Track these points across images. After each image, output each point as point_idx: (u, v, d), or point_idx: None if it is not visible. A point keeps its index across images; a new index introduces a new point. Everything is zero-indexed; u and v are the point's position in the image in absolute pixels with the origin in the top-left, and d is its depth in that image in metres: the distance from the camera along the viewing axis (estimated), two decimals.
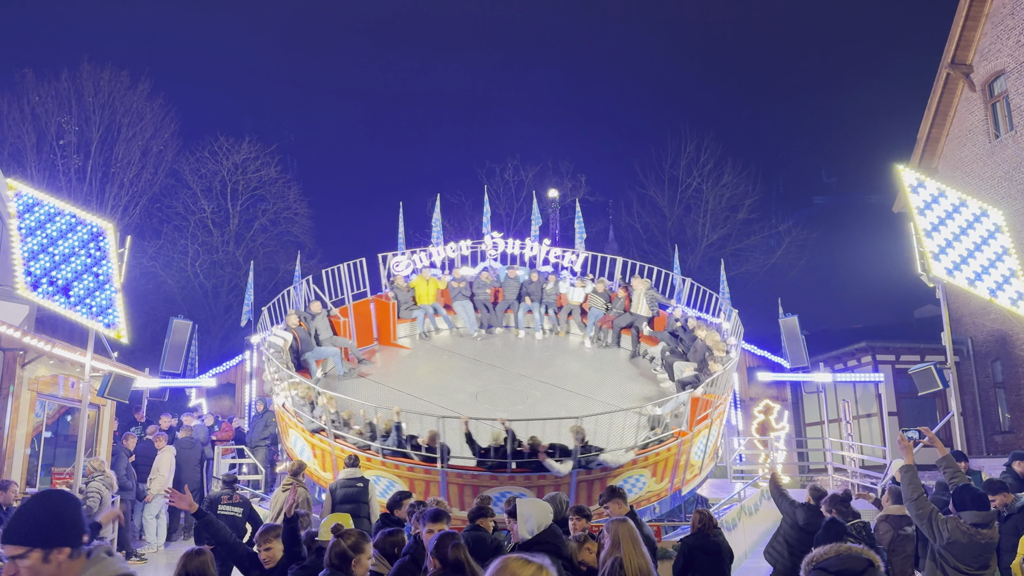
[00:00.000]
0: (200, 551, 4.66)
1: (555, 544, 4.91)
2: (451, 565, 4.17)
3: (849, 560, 4.55)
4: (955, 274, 12.83)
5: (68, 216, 10.87)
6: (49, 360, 12.21)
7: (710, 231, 32.09)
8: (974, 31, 19.00)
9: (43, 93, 27.03)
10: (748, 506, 13.10)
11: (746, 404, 18.84)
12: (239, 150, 30.35)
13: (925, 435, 6.28)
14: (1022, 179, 17.62)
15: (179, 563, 4.58)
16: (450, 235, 23.88)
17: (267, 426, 15.20)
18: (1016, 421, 17.89)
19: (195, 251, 29.02)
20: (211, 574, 4.60)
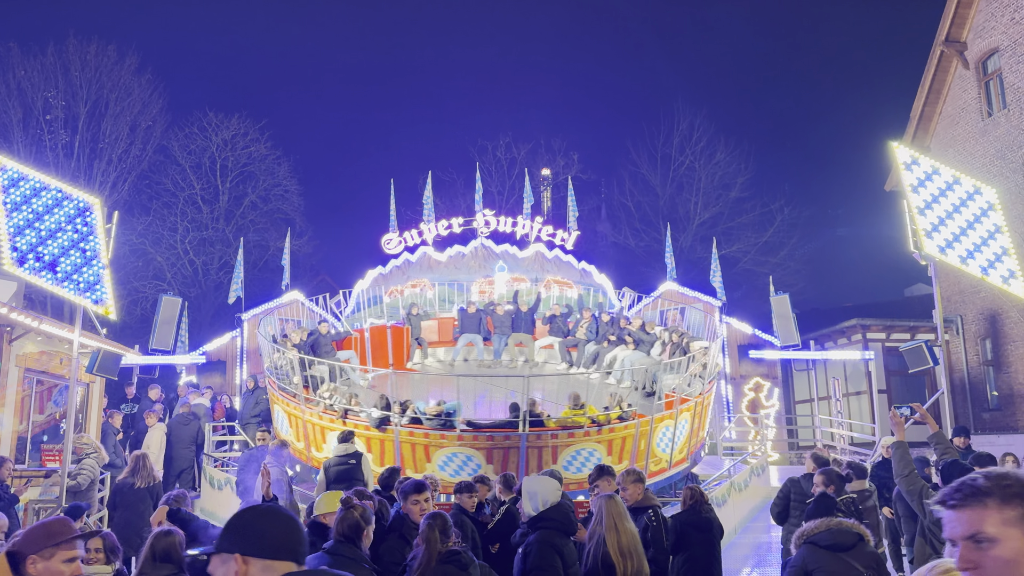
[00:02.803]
0: (168, 531, 4.62)
1: (562, 521, 4.86)
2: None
3: (839, 534, 4.57)
4: (947, 252, 12.85)
5: (54, 191, 10.73)
6: (37, 337, 12.11)
7: (702, 209, 32.03)
8: (968, 8, 18.90)
9: (29, 67, 26.64)
10: (738, 482, 13.18)
11: (736, 382, 18.91)
12: (228, 126, 30.04)
13: (917, 411, 6.29)
14: (1015, 157, 17.61)
15: (147, 543, 4.54)
16: (442, 212, 23.77)
17: (258, 403, 15.17)
18: (1004, 399, 18.03)
19: (184, 228, 28.80)
20: (179, 555, 4.56)
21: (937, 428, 6.37)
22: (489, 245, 19.62)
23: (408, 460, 11.92)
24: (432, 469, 11.55)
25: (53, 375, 12.74)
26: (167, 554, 4.49)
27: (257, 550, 2.07)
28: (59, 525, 2.89)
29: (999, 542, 1.73)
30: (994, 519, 1.74)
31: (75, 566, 2.82)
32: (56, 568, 2.77)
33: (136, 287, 26.85)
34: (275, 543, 2.08)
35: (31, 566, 2.74)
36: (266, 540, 2.09)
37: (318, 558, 3.99)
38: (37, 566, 2.74)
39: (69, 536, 2.85)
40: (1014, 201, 17.00)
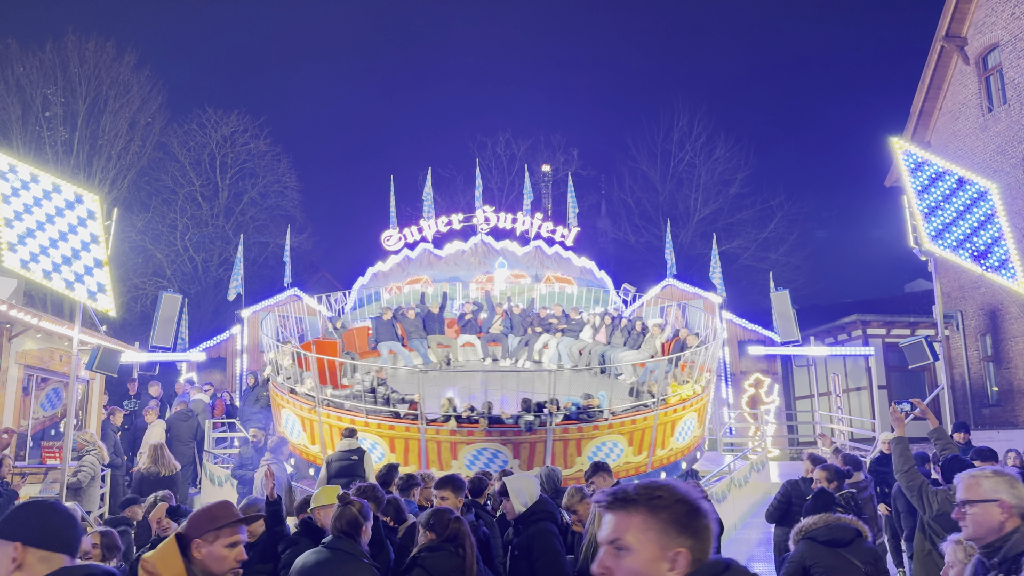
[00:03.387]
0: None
1: (550, 512, 4.96)
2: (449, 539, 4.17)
3: (837, 530, 4.58)
4: (947, 247, 12.83)
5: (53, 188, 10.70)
6: (37, 334, 12.11)
7: (702, 205, 32.01)
8: (969, 4, 18.86)
9: (27, 64, 26.60)
10: (738, 478, 13.19)
11: (736, 378, 18.91)
12: (228, 122, 30.02)
13: (917, 407, 6.29)
14: (1015, 152, 17.59)
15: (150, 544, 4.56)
16: (441, 209, 23.77)
17: (258, 400, 15.16)
18: (1004, 395, 18.02)
19: (184, 225, 28.79)
20: None
21: (937, 424, 6.37)
22: (489, 242, 19.61)
23: (433, 458, 11.91)
24: (459, 467, 11.55)
25: (53, 372, 12.74)
26: None
27: (37, 541, 2.22)
28: (222, 509, 2.89)
29: (634, 552, 1.74)
30: (636, 529, 1.76)
31: (238, 551, 2.83)
32: (219, 553, 2.78)
33: (136, 284, 26.85)
34: (54, 536, 2.24)
35: (196, 550, 2.77)
36: (46, 532, 2.23)
37: (316, 553, 3.99)
38: (201, 550, 2.77)
39: (231, 520, 2.84)
40: (1015, 196, 16.98)
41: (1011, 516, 2.81)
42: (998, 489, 2.87)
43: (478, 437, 11.85)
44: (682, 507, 1.77)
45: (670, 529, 1.74)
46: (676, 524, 1.75)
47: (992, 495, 2.87)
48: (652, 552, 1.73)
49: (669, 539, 1.73)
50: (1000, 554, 2.83)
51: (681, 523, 1.75)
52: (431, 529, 4.23)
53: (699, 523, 1.78)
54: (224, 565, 2.78)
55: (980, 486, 2.91)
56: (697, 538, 1.76)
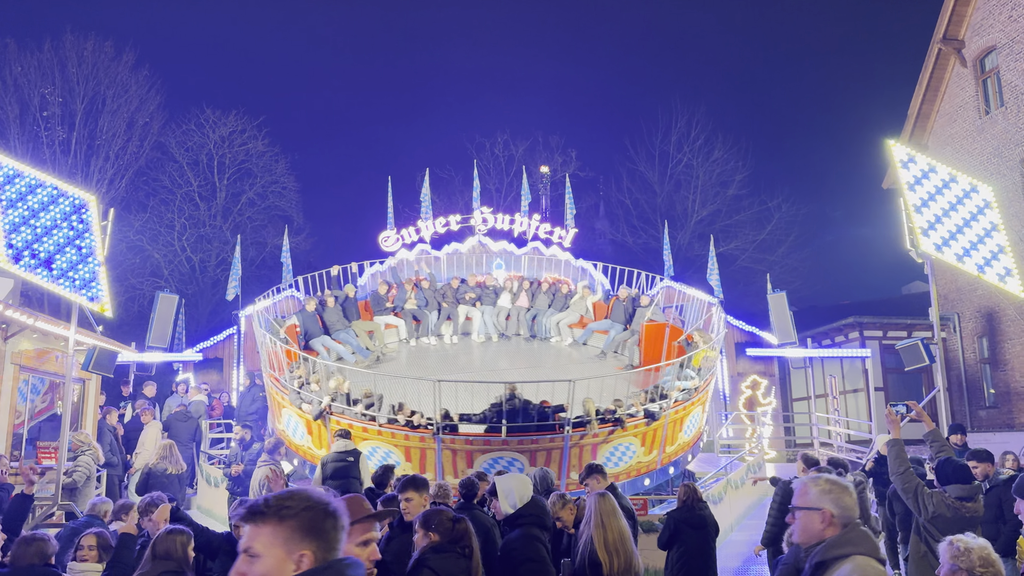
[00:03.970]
0: (172, 531, 4.63)
1: (538, 515, 4.91)
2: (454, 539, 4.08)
3: None
4: (944, 250, 12.85)
5: (50, 188, 10.71)
6: (33, 334, 12.10)
7: (700, 207, 32.03)
8: (966, 6, 18.90)
9: (25, 64, 26.57)
10: (734, 480, 13.19)
11: (734, 379, 18.92)
12: (226, 123, 30.00)
13: (912, 409, 6.29)
14: (1012, 155, 17.62)
15: (152, 542, 4.55)
16: (439, 210, 23.75)
17: (254, 401, 15.15)
18: (1001, 396, 18.05)
19: (182, 225, 28.76)
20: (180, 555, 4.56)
21: (933, 426, 6.38)
22: (486, 243, 19.59)
23: (448, 467, 11.83)
24: None
25: (49, 372, 12.72)
26: (168, 553, 4.49)
27: None
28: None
29: (262, 557, 1.94)
30: (264, 537, 1.95)
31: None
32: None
33: (133, 284, 26.81)
34: None
35: None
36: None
37: None
38: None
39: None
40: (1011, 199, 17.02)
41: (831, 525, 2.94)
42: (822, 498, 2.98)
43: (495, 446, 11.79)
44: (309, 514, 1.99)
45: (295, 535, 1.95)
46: (302, 530, 1.96)
47: (817, 503, 2.98)
48: (278, 556, 1.95)
49: (295, 544, 1.95)
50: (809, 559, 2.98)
51: (307, 528, 1.97)
52: (434, 530, 4.12)
53: (326, 526, 2.01)
54: None
55: (808, 493, 3.03)
56: (323, 540, 1.99)
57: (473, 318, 16.83)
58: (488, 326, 16.73)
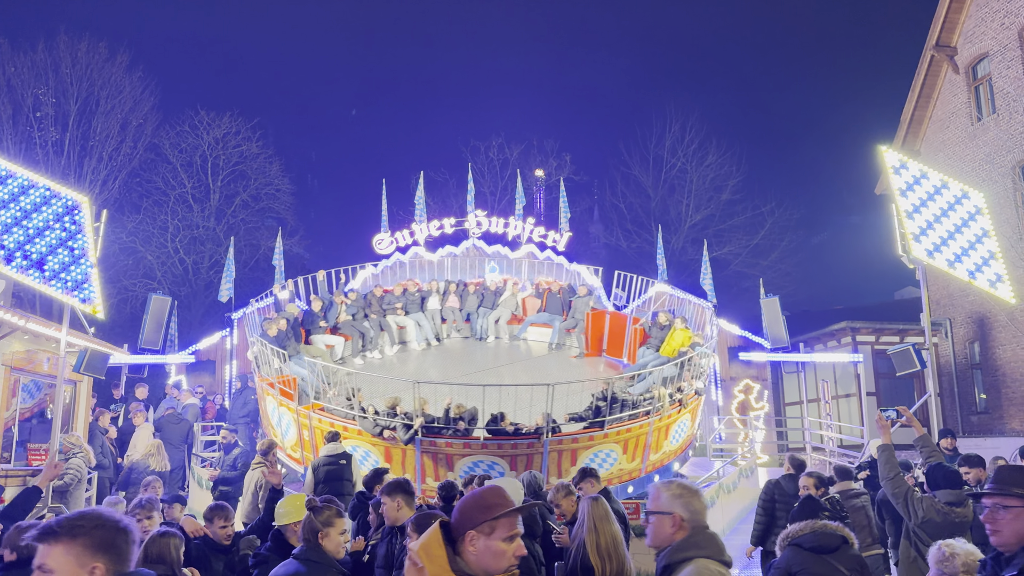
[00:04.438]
0: (165, 533, 4.61)
1: (528, 522, 4.90)
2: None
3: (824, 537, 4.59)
4: (935, 256, 12.91)
5: (42, 189, 10.68)
6: (24, 335, 12.04)
7: (694, 212, 32.10)
8: (959, 13, 19.01)
9: (19, 64, 26.47)
10: (727, 484, 13.22)
11: (726, 384, 18.95)
12: (220, 124, 29.93)
13: (903, 415, 6.33)
14: (1004, 162, 17.71)
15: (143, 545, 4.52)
16: (434, 213, 23.76)
17: (246, 403, 15.10)
18: (992, 402, 18.12)
19: (175, 226, 28.68)
20: (172, 557, 4.54)
21: (923, 431, 6.41)
22: (481, 246, 19.61)
23: (429, 471, 11.84)
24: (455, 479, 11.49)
25: (40, 374, 12.67)
26: (160, 556, 4.48)
27: None
28: (496, 496, 2.47)
29: (55, 572, 2.18)
30: (56, 554, 2.20)
31: (516, 545, 2.41)
32: (496, 547, 2.36)
33: (126, 286, 26.72)
34: None
35: (469, 543, 2.37)
36: None
37: (287, 565, 4.00)
38: (477, 543, 2.36)
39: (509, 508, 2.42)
40: (1002, 205, 17.10)
41: (680, 528, 3.01)
42: (674, 503, 3.04)
43: (475, 449, 11.78)
44: (100, 531, 2.25)
45: (87, 551, 2.21)
46: (93, 546, 2.22)
47: (668, 508, 3.04)
48: (71, 570, 2.19)
49: (87, 558, 2.21)
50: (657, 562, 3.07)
51: (98, 544, 2.22)
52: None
53: (118, 542, 2.28)
54: (502, 562, 2.37)
55: (660, 498, 3.09)
56: (115, 554, 2.26)
57: (406, 326, 16.33)
58: (426, 331, 16.38)
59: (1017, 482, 2.97)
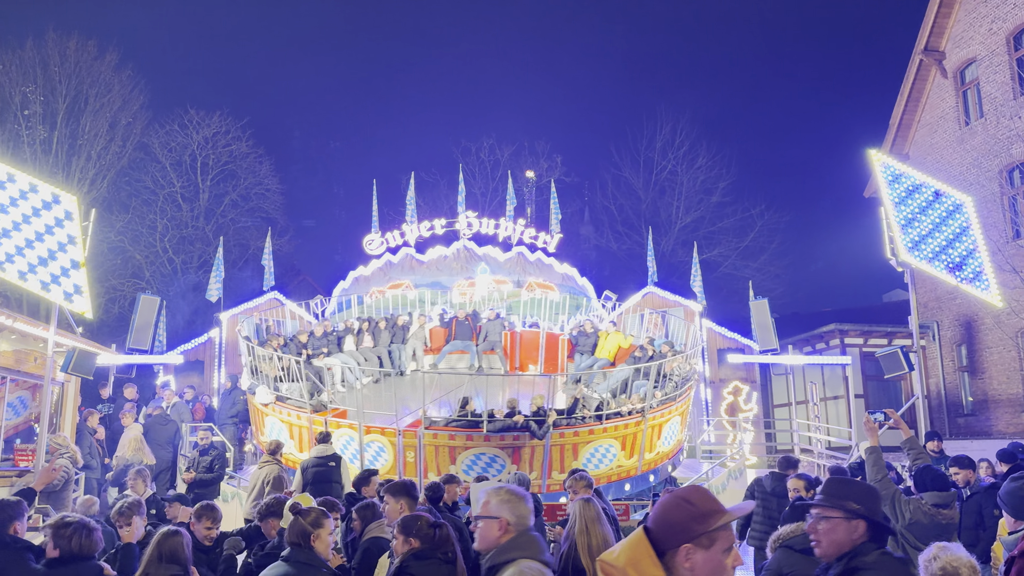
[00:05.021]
0: (176, 531, 4.58)
1: None
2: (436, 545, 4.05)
3: None
4: (923, 259, 13.00)
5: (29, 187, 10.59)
6: (11, 335, 11.96)
7: (684, 213, 32.17)
8: (947, 18, 19.14)
9: (6, 62, 26.28)
10: (716, 485, 13.26)
11: (715, 385, 19.00)
12: (210, 123, 29.79)
13: (890, 417, 6.36)
14: (991, 166, 17.84)
15: (153, 543, 4.49)
16: (424, 213, 23.73)
17: (235, 404, 15.04)
18: (979, 404, 18.25)
19: (164, 226, 28.52)
20: (185, 556, 4.52)
21: (910, 434, 6.45)
22: (471, 247, 19.60)
23: (431, 463, 11.91)
24: (457, 471, 11.53)
25: (27, 374, 12.58)
26: (174, 554, 4.45)
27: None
28: (708, 501, 2.17)
29: None
30: None
31: (734, 555, 2.14)
32: (718, 561, 2.09)
33: (114, 285, 26.55)
34: None
35: (685, 559, 2.08)
36: None
37: (276, 567, 3.99)
38: (694, 558, 2.08)
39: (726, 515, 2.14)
40: (990, 209, 17.22)
41: (506, 532, 3.18)
42: (501, 508, 3.22)
43: (477, 442, 11.86)
44: None
45: None
46: None
47: (496, 512, 3.21)
48: None
49: None
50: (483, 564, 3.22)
51: None
52: (415, 536, 4.04)
53: None
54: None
55: (489, 503, 3.25)
56: None
57: (334, 368, 15.46)
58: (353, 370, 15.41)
59: (841, 495, 3.08)
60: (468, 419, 12.09)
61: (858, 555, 2.96)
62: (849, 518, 3.00)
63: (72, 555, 4.22)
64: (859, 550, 2.97)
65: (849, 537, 3.00)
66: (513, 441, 11.90)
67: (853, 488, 3.13)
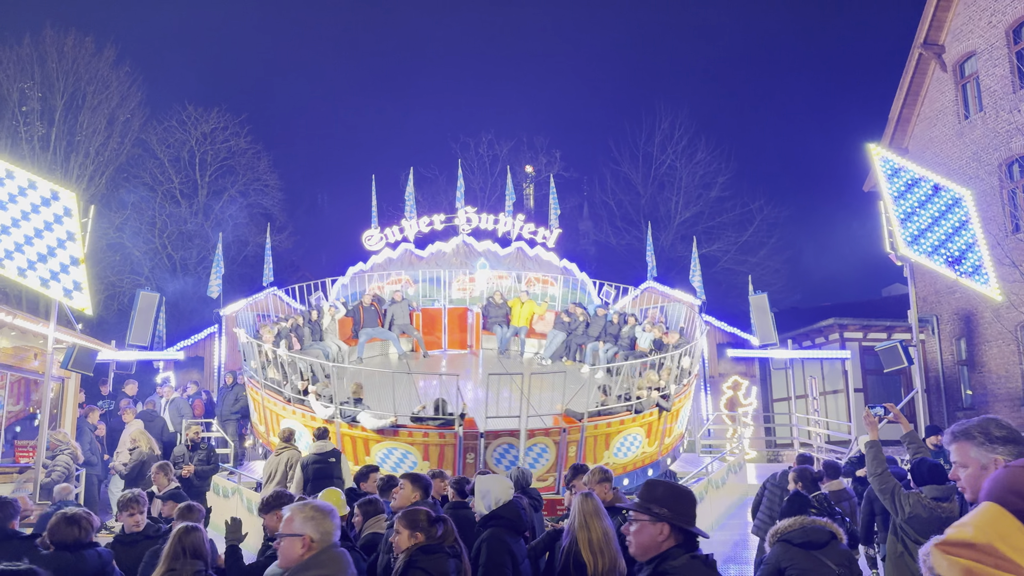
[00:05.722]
0: (195, 527, 4.60)
1: (511, 518, 4.90)
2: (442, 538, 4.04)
3: (812, 532, 4.63)
4: (922, 253, 13.00)
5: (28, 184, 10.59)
6: (11, 332, 11.96)
7: (683, 208, 32.16)
8: (947, 12, 19.11)
9: (4, 58, 26.24)
10: (715, 480, 13.29)
11: (715, 380, 19.03)
12: (208, 120, 29.76)
13: (890, 411, 6.37)
14: (990, 159, 17.84)
15: (173, 539, 4.50)
16: (423, 209, 23.71)
17: (237, 400, 15.04)
18: (978, 398, 18.27)
19: (163, 222, 28.51)
20: (206, 551, 4.55)
21: (910, 428, 6.45)
22: (471, 242, 19.60)
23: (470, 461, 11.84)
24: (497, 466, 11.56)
25: (27, 371, 12.58)
26: (196, 549, 4.49)
27: None
28: None
29: None
30: None
31: None
32: None
33: (113, 282, 26.55)
34: None
35: None
36: None
37: None
38: None
39: None
40: (989, 203, 17.23)
41: (310, 549, 3.17)
42: (306, 525, 3.21)
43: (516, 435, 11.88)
44: None
45: None
46: None
47: (300, 530, 3.20)
48: None
49: None
50: None
51: None
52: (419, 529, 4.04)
53: None
54: None
55: (293, 521, 3.24)
56: None
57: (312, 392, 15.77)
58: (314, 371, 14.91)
59: (651, 498, 3.09)
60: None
61: (666, 559, 2.96)
62: (654, 521, 3.01)
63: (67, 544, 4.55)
64: (667, 554, 2.98)
65: (655, 540, 3.00)
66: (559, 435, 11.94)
67: (662, 491, 3.11)
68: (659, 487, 3.14)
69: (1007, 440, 2.53)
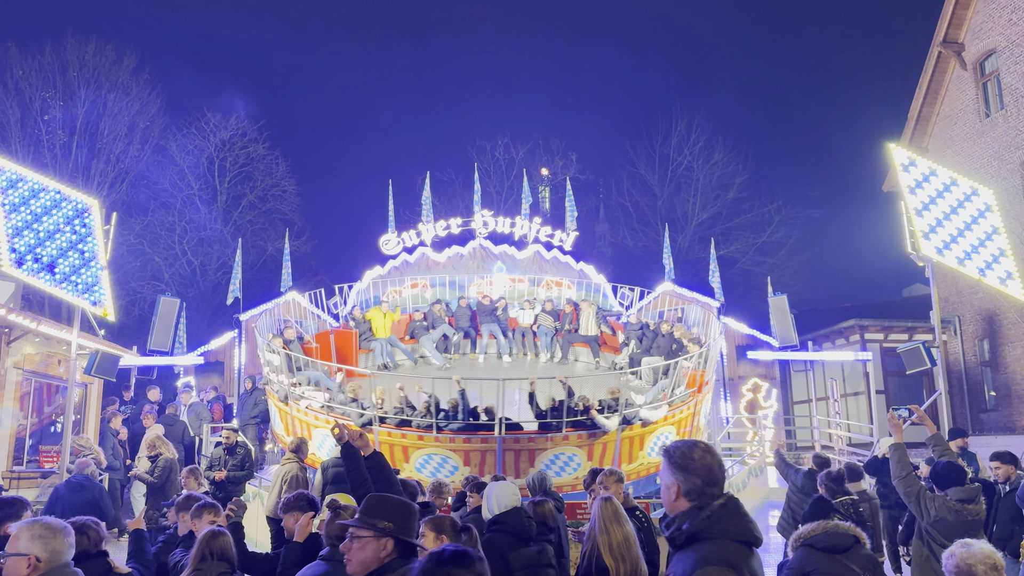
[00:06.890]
0: (222, 531, 4.65)
1: (514, 525, 4.87)
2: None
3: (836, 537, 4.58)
4: (945, 253, 12.87)
5: (53, 192, 10.74)
6: (35, 338, 12.11)
7: (700, 210, 32.03)
8: (966, 9, 18.91)
9: (26, 67, 26.62)
10: (736, 483, 13.20)
11: (735, 382, 18.91)
12: (227, 126, 30.03)
13: (915, 413, 6.31)
14: (1012, 158, 17.63)
15: (201, 542, 4.54)
16: (440, 213, 23.81)
17: (256, 404, 15.12)
18: (1002, 399, 18.04)
19: (183, 228, 28.77)
20: (233, 554, 4.58)
21: (935, 430, 6.39)
22: (487, 246, 19.62)
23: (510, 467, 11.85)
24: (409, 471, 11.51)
25: (51, 376, 12.73)
26: (223, 553, 4.52)
27: None
28: None
29: None
30: None
31: None
32: None
33: (134, 288, 26.82)
34: None
35: None
36: None
37: (315, 566, 4.00)
38: None
39: None
40: (1011, 202, 17.02)
41: (35, 569, 3.06)
42: (33, 544, 3.11)
43: (557, 442, 11.80)
44: None
45: None
46: None
47: (26, 549, 3.10)
48: None
49: None
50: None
51: None
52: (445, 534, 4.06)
53: None
54: None
55: (19, 539, 3.14)
56: None
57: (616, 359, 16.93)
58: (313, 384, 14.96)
59: (374, 513, 3.04)
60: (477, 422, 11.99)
61: (385, 572, 2.96)
62: (378, 536, 2.99)
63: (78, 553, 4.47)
64: (387, 567, 2.97)
65: (377, 556, 2.99)
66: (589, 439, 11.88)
67: (387, 506, 3.08)
68: (384, 502, 3.10)
69: None
